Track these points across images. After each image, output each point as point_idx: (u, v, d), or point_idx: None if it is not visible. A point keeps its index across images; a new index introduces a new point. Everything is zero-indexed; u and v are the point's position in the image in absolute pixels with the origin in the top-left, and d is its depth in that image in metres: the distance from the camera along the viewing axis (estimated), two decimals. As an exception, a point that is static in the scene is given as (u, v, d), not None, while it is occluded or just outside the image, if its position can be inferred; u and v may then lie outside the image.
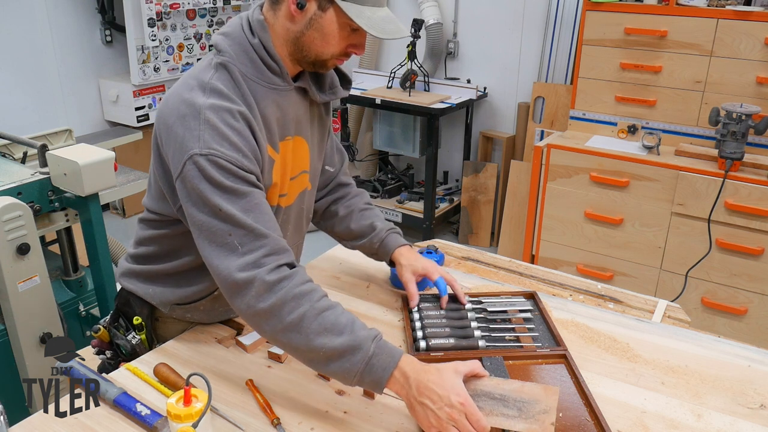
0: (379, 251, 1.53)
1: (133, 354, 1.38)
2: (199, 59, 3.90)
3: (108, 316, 1.46)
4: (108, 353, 1.44)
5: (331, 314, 1.11)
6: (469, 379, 1.11)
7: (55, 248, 2.40)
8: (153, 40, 3.96)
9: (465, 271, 1.74)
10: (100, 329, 1.44)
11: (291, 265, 1.16)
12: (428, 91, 4.02)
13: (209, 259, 1.15)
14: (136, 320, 1.40)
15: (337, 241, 1.64)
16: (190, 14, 4.17)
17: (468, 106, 4.05)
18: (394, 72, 4.06)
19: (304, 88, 1.31)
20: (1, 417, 1.12)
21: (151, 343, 1.43)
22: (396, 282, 1.63)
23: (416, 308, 1.47)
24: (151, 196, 1.33)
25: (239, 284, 1.11)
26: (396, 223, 2.66)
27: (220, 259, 1.13)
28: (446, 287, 1.48)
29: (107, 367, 1.43)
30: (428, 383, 1.06)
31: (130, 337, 1.39)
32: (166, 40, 4.08)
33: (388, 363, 1.09)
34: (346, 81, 1.41)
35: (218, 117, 1.14)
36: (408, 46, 3.88)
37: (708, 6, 2.85)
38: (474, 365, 1.12)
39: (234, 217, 1.12)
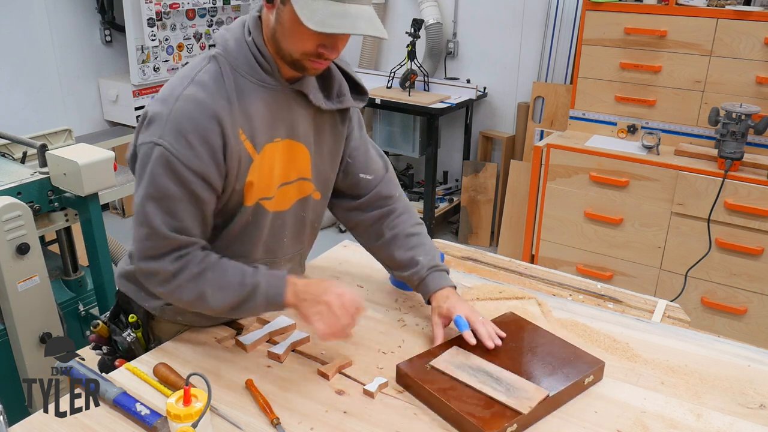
0: (419, 290, 1.43)
1: (129, 351, 1.39)
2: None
3: (108, 312, 1.47)
4: (105, 348, 1.45)
5: (221, 275, 1.23)
6: (480, 357, 1.26)
7: (54, 248, 2.39)
8: (153, 39, 3.95)
9: (465, 271, 1.74)
10: (99, 324, 1.45)
11: (195, 247, 1.24)
12: (428, 91, 4.02)
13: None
14: (132, 318, 1.41)
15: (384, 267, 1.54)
16: (190, 14, 4.17)
17: (468, 106, 4.05)
18: (394, 72, 4.06)
19: (305, 93, 1.27)
20: (1, 417, 1.12)
21: (147, 342, 1.43)
22: (396, 282, 1.63)
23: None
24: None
25: (144, 272, 1.24)
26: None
27: (137, 242, 1.23)
28: (466, 324, 1.32)
29: (104, 362, 1.44)
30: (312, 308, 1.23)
31: (126, 334, 1.40)
32: (166, 39, 4.08)
33: (280, 287, 1.24)
34: (359, 91, 1.36)
35: (187, 108, 1.16)
36: (408, 46, 3.88)
37: (708, 6, 2.85)
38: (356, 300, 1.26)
39: (150, 217, 1.19)
